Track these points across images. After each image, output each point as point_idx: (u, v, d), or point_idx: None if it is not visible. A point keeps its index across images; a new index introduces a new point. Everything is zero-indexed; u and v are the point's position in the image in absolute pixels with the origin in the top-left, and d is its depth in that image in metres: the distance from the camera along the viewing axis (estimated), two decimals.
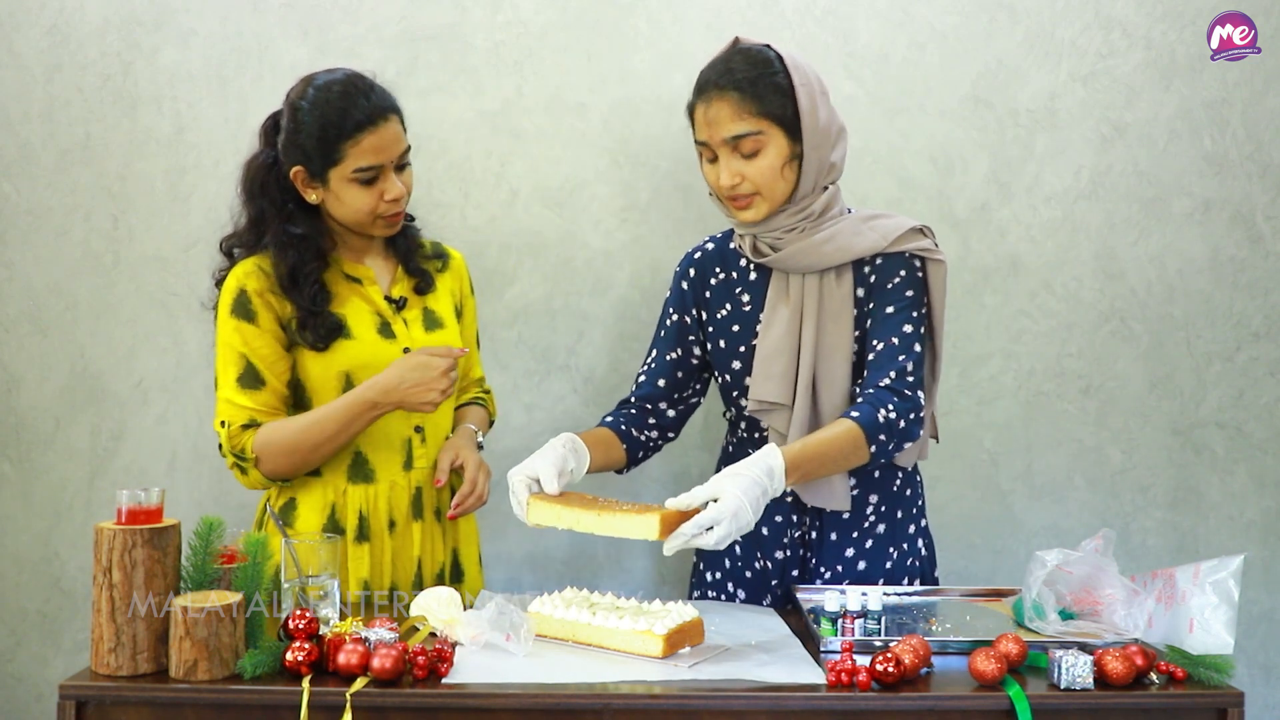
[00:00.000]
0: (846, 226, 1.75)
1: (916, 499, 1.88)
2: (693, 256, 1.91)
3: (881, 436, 1.63)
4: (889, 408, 1.64)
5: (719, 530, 1.45)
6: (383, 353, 1.79)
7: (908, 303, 1.73)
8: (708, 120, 1.71)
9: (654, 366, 1.91)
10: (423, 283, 1.88)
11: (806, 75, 1.71)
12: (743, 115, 1.68)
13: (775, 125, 1.68)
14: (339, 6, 2.26)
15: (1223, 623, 1.43)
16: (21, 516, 2.31)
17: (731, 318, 1.84)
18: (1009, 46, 2.28)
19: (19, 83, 2.26)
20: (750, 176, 1.70)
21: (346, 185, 1.74)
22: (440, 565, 1.86)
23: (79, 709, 1.35)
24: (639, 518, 1.47)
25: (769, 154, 1.69)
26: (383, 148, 1.73)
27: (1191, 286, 2.31)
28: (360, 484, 1.80)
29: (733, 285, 1.85)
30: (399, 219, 1.80)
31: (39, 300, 2.29)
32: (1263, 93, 2.29)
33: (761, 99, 1.68)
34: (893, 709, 1.35)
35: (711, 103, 1.70)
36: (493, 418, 2.08)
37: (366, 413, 1.73)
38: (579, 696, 1.34)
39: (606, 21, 2.27)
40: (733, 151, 1.70)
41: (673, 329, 1.90)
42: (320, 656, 1.38)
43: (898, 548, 1.83)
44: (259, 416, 1.73)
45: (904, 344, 1.71)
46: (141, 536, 1.37)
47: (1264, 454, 2.33)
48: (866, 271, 1.76)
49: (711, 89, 1.70)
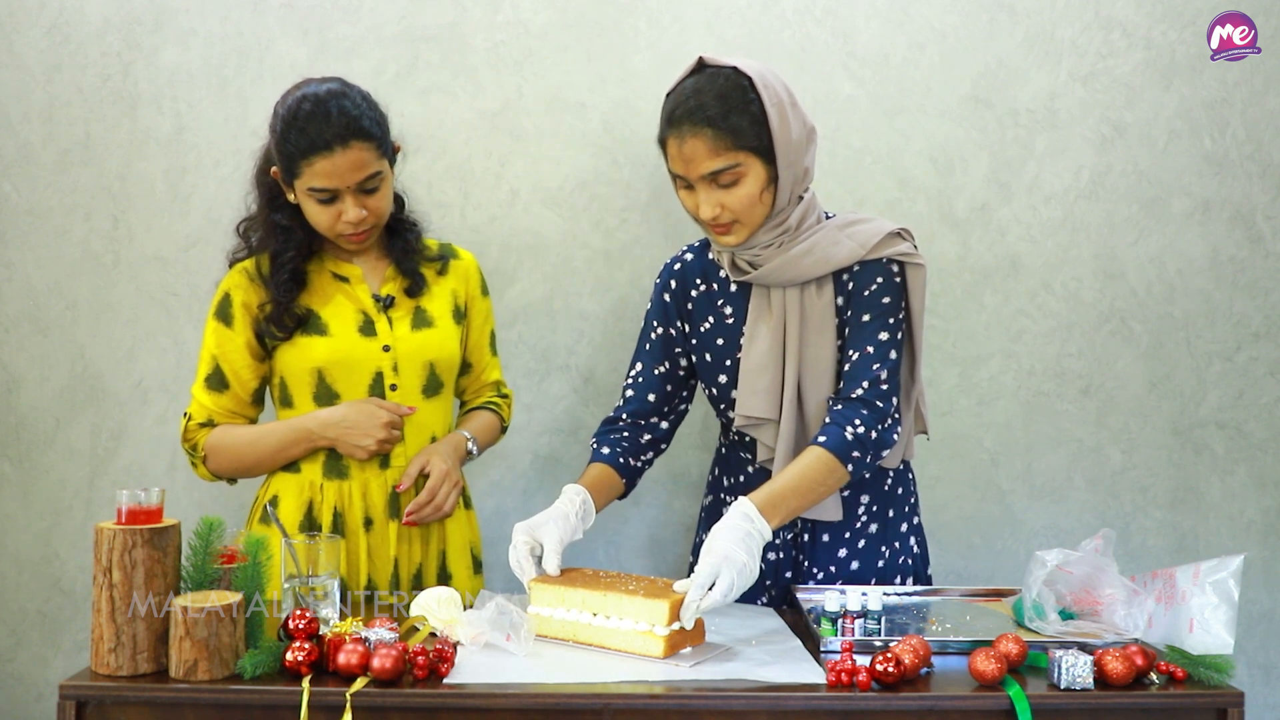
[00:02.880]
0: (824, 237, 1.73)
1: (909, 497, 1.88)
2: (672, 268, 1.89)
3: (855, 453, 1.64)
4: (855, 423, 1.64)
5: (722, 582, 1.46)
6: (359, 350, 1.81)
7: (884, 309, 1.72)
8: (683, 157, 1.66)
9: (641, 381, 1.88)
10: (413, 285, 1.88)
11: (776, 93, 1.66)
12: (719, 152, 1.64)
13: (752, 155, 1.65)
14: (339, 6, 2.26)
15: (1223, 623, 1.43)
16: (21, 516, 2.31)
17: (715, 331, 1.83)
18: (1009, 46, 2.28)
19: (19, 83, 2.26)
20: (730, 206, 1.67)
21: (306, 199, 1.77)
22: (418, 566, 1.86)
23: (79, 709, 1.35)
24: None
25: (748, 183, 1.66)
26: (336, 174, 1.72)
27: (1191, 286, 2.31)
28: (335, 480, 1.82)
29: (714, 297, 1.83)
30: (364, 238, 1.81)
31: (39, 300, 2.29)
32: (1263, 93, 2.29)
33: (736, 133, 1.63)
34: (893, 709, 1.35)
35: (685, 140, 1.65)
36: (505, 424, 2.06)
37: (303, 440, 1.80)
38: (579, 696, 1.34)
39: (606, 21, 2.27)
40: (711, 184, 1.67)
41: (658, 342, 1.89)
42: (320, 656, 1.38)
43: (890, 546, 1.83)
44: (217, 418, 1.83)
45: (879, 352, 1.70)
46: (141, 536, 1.37)
47: (1264, 454, 2.33)
48: (845, 279, 1.75)
49: (685, 124, 1.65)
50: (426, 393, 1.86)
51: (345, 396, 1.82)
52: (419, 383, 1.85)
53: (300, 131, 1.71)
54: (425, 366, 1.86)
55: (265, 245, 1.83)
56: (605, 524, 2.33)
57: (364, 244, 1.83)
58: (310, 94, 1.74)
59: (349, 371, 1.81)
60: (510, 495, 2.33)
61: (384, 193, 1.80)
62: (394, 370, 1.83)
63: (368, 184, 1.76)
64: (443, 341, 1.88)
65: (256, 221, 1.85)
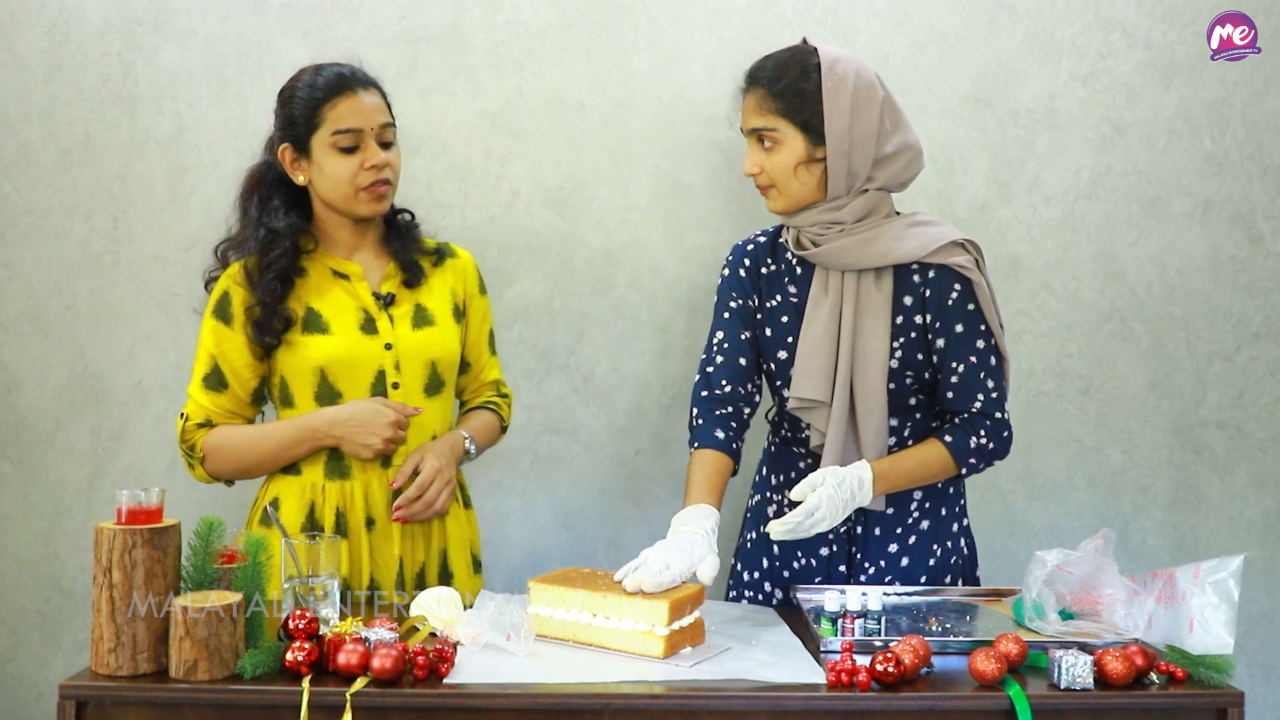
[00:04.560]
0: (890, 230, 1.76)
1: (959, 498, 1.89)
2: (745, 248, 1.92)
3: (972, 460, 1.75)
4: (982, 434, 1.74)
5: (820, 512, 1.63)
6: (361, 348, 1.80)
7: (972, 316, 1.75)
8: (743, 110, 1.79)
9: (728, 346, 1.86)
10: (411, 276, 1.88)
11: (844, 79, 1.72)
12: (763, 111, 1.75)
13: (792, 125, 1.73)
14: (339, 6, 2.26)
15: (1223, 623, 1.43)
16: (21, 516, 2.30)
17: (781, 308, 1.85)
18: (1009, 46, 2.28)
19: (19, 83, 2.26)
20: (766, 169, 1.76)
21: (327, 153, 1.78)
22: (421, 565, 1.85)
23: (79, 709, 1.35)
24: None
25: (783, 151, 1.74)
26: (361, 112, 1.77)
27: (1191, 286, 2.31)
28: (337, 480, 1.81)
29: (781, 276, 1.86)
30: (383, 191, 1.81)
31: (39, 300, 2.29)
32: (1263, 93, 2.29)
33: (781, 98, 1.73)
34: (893, 709, 1.35)
35: (746, 94, 1.78)
36: (505, 423, 2.05)
37: (308, 439, 1.78)
38: (579, 696, 1.34)
39: (606, 21, 2.27)
40: (756, 142, 1.77)
41: (737, 312, 1.88)
42: (320, 656, 1.38)
43: (941, 545, 1.83)
44: (215, 418, 1.81)
45: (982, 361, 1.75)
46: (141, 536, 1.37)
47: (1264, 454, 2.33)
48: (916, 281, 1.76)
49: (748, 81, 1.78)
50: (428, 391, 1.86)
51: (348, 395, 1.81)
52: (421, 381, 1.85)
53: (321, 81, 1.78)
54: (427, 365, 1.85)
55: (249, 249, 1.82)
56: (605, 524, 2.34)
57: (383, 201, 1.82)
58: (316, 64, 1.83)
59: (351, 370, 1.80)
60: (510, 495, 2.33)
61: (397, 153, 1.84)
62: (396, 369, 1.83)
63: (384, 134, 1.81)
64: (444, 340, 1.88)
65: (236, 240, 1.84)
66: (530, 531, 2.34)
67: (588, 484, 2.33)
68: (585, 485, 2.33)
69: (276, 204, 1.82)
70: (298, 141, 1.79)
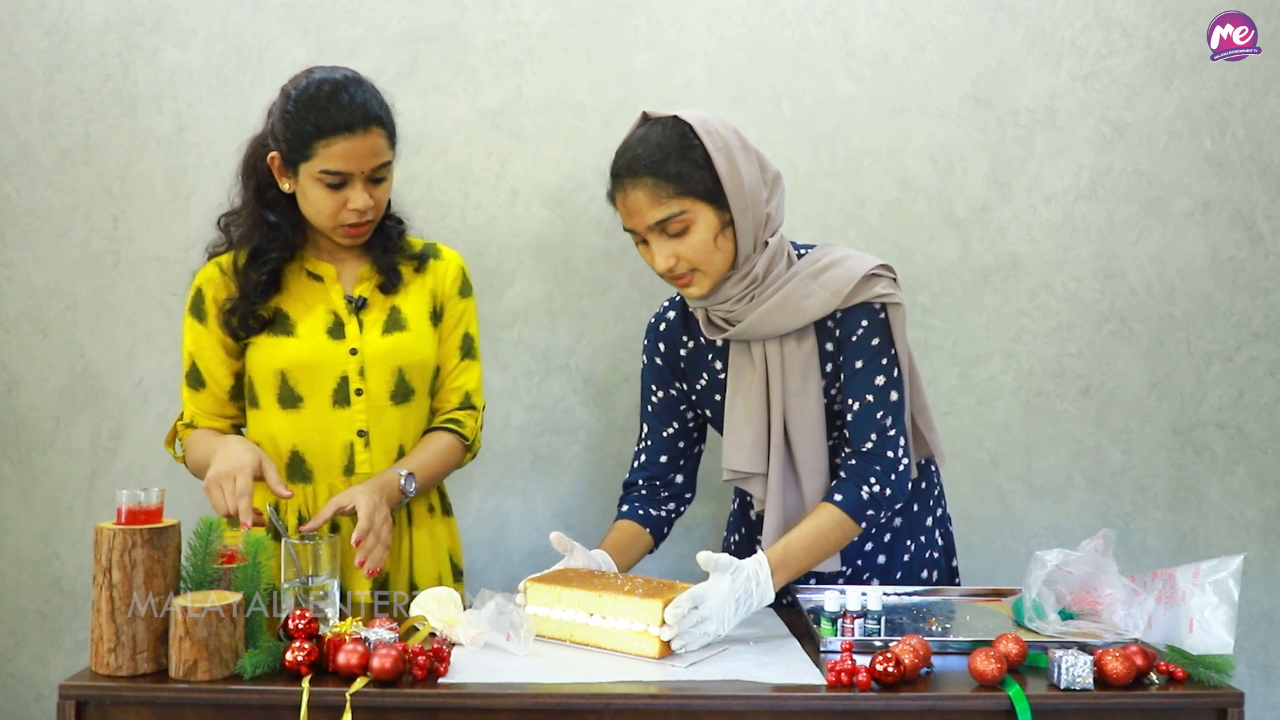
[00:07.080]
0: (797, 288, 1.69)
1: (933, 490, 1.89)
2: (657, 329, 1.87)
3: (869, 511, 1.66)
4: (872, 482, 1.66)
5: (695, 630, 1.46)
6: (324, 353, 1.77)
7: (875, 351, 1.70)
8: (628, 209, 1.66)
9: (651, 444, 1.88)
10: (387, 281, 1.82)
11: (721, 137, 1.64)
12: (660, 200, 1.63)
13: (697, 200, 1.63)
14: (339, 6, 2.26)
15: (1223, 623, 1.43)
16: (21, 516, 2.31)
17: (710, 387, 1.82)
18: (1009, 46, 2.28)
19: (19, 83, 2.26)
20: (684, 255, 1.65)
21: (313, 184, 1.73)
22: (384, 574, 1.79)
23: (79, 709, 1.35)
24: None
25: (698, 230, 1.64)
26: (354, 157, 1.70)
27: (1191, 286, 2.31)
28: (299, 484, 1.78)
29: (704, 352, 1.82)
30: (362, 231, 1.77)
31: (39, 300, 2.29)
32: (1263, 93, 2.29)
33: (675, 179, 1.62)
34: (893, 709, 1.35)
35: (628, 192, 1.65)
36: (469, 442, 1.87)
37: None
38: (579, 696, 1.34)
39: (606, 21, 2.27)
40: (661, 234, 1.65)
41: (660, 405, 1.87)
42: (320, 656, 1.38)
43: (915, 540, 1.84)
44: (197, 420, 1.82)
45: (879, 399, 1.69)
46: (141, 536, 1.37)
47: (1264, 454, 2.33)
48: (830, 326, 1.72)
49: (626, 176, 1.65)
50: (395, 399, 1.80)
51: (309, 400, 1.76)
52: (387, 388, 1.79)
53: (321, 111, 1.68)
54: (394, 372, 1.79)
55: (247, 240, 1.79)
56: (605, 524, 2.33)
57: (359, 238, 1.78)
58: (327, 78, 1.72)
59: (313, 374, 1.76)
60: (510, 495, 2.33)
61: (388, 185, 1.78)
62: (360, 375, 1.77)
63: (378, 173, 1.74)
64: (414, 345, 1.82)
65: (240, 216, 1.81)
66: (530, 531, 2.34)
67: (588, 484, 2.33)
68: (585, 485, 2.33)
69: (272, 194, 1.78)
70: (287, 160, 1.73)
